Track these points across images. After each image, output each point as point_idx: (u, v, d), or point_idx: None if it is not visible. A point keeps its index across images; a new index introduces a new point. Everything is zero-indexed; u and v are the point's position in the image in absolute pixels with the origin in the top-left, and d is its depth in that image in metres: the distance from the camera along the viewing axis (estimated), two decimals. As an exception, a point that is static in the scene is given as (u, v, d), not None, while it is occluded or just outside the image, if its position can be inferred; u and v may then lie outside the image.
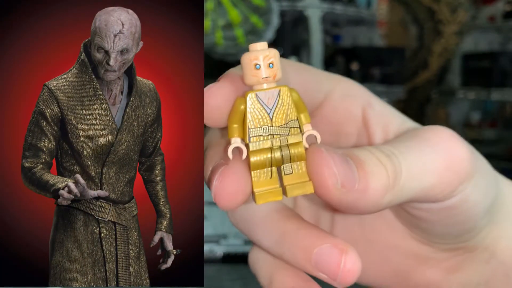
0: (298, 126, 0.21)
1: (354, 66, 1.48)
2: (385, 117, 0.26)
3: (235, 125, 0.21)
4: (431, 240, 0.27)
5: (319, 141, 0.22)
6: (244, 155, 0.21)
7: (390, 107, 0.26)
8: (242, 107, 0.21)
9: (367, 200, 0.21)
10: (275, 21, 1.35)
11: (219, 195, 0.21)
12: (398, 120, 0.25)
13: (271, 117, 0.21)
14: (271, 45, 1.24)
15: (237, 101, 0.21)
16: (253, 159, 0.21)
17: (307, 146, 0.21)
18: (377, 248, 0.28)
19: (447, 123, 1.85)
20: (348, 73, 1.50)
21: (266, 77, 0.21)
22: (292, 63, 0.24)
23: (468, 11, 1.57)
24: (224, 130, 0.22)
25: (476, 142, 1.52)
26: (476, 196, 0.24)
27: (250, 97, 0.21)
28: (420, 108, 2.45)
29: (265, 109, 0.21)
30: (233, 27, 1.40)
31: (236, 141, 0.21)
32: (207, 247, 0.68)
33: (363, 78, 1.49)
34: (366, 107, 0.26)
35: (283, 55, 1.04)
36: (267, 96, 0.21)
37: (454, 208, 0.24)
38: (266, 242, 0.24)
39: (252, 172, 0.21)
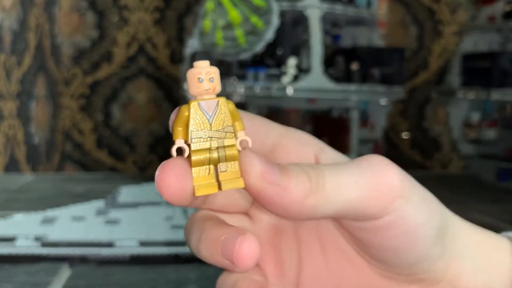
0: (233, 131, 0.25)
1: (354, 66, 1.48)
2: (338, 161, 0.27)
3: (180, 128, 0.25)
4: (390, 271, 0.27)
5: (250, 145, 0.25)
6: (186, 154, 0.24)
7: (341, 154, 0.28)
8: (186, 113, 0.24)
9: (290, 197, 0.23)
10: (275, 21, 1.35)
11: (161, 184, 0.24)
12: None
13: (210, 122, 0.24)
14: (271, 45, 1.24)
15: (182, 108, 0.25)
16: (194, 157, 0.24)
17: (240, 149, 0.24)
18: (346, 286, 0.28)
19: (446, 123, 1.85)
20: (348, 73, 1.50)
21: (207, 89, 0.24)
22: (247, 114, 0.27)
23: (468, 11, 1.57)
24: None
25: (476, 142, 1.52)
26: (416, 216, 0.25)
27: (193, 105, 0.24)
28: (420, 108, 2.46)
29: (205, 116, 0.24)
30: (233, 27, 1.39)
31: (179, 142, 0.24)
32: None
33: (363, 78, 1.49)
34: (318, 153, 0.27)
35: (283, 55, 1.04)
36: (208, 105, 0.24)
37: (393, 228, 0.24)
38: (192, 244, 0.26)
39: (193, 169, 0.24)
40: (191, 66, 0.24)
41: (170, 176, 0.24)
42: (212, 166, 0.24)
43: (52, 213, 0.86)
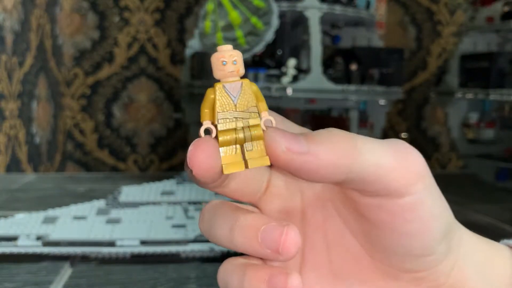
0: (257, 111, 0.26)
1: (353, 66, 1.48)
2: None
3: (206, 110, 0.26)
4: (395, 264, 0.27)
5: (274, 124, 0.26)
6: (214, 134, 0.26)
7: None
8: (212, 96, 0.26)
9: (321, 162, 0.24)
10: (275, 22, 1.35)
11: (193, 161, 0.24)
12: None
13: (235, 103, 0.25)
14: (271, 46, 1.25)
15: (208, 91, 0.26)
16: (221, 137, 0.25)
17: (264, 128, 0.26)
18: (346, 284, 0.29)
19: (445, 123, 1.86)
20: (347, 74, 1.50)
21: (231, 71, 0.25)
22: (276, 116, 0.28)
23: (467, 12, 1.58)
24: None
25: (474, 142, 1.52)
26: (432, 205, 0.26)
27: (219, 87, 0.26)
28: (418, 108, 2.46)
29: (230, 97, 0.25)
30: (233, 28, 1.40)
31: (207, 123, 0.26)
32: (207, 247, 0.70)
33: (362, 79, 1.49)
34: None
35: (283, 56, 1.04)
36: (232, 87, 0.26)
37: (410, 210, 0.25)
38: (220, 232, 0.26)
39: (221, 149, 0.25)
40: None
41: (203, 154, 0.25)
42: (238, 146, 0.26)
43: (53, 212, 0.86)
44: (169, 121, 2.36)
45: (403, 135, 2.44)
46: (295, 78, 1.42)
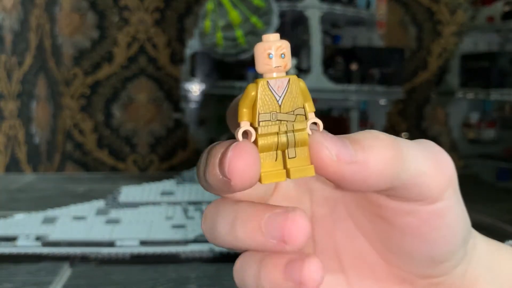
0: (304, 113, 0.22)
1: (354, 66, 1.48)
2: None
3: (245, 110, 0.22)
4: (412, 270, 0.26)
5: (321, 128, 0.23)
6: (253, 138, 0.22)
7: None
8: (253, 93, 0.22)
9: (371, 171, 0.22)
10: (275, 21, 1.35)
11: (232, 169, 0.21)
12: None
13: (280, 104, 0.22)
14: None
15: (249, 87, 0.22)
16: (261, 141, 0.22)
17: (310, 133, 0.23)
18: None
19: (446, 123, 1.85)
20: (347, 74, 1.50)
21: (277, 66, 0.22)
22: None
23: (467, 11, 1.58)
24: None
25: (475, 142, 1.52)
26: (459, 210, 0.25)
27: (262, 84, 0.22)
28: (419, 108, 2.46)
29: (274, 96, 0.22)
30: (233, 27, 1.40)
31: (245, 125, 0.22)
32: (207, 247, 0.70)
33: (363, 79, 1.49)
34: None
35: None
36: (277, 84, 0.22)
37: (440, 217, 0.24)
38: (221, 230, 0.24)
39: (260, 154, 0.22)
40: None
41: (243, 162, 0.21)
42: (279, 152, 0.22)
43: (52, 212, 0.86)
44: (169, 121, 2.36)
45: (404, 135, 2.44)
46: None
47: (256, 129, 0.22)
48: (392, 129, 2.41)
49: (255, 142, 0.22)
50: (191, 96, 1.58)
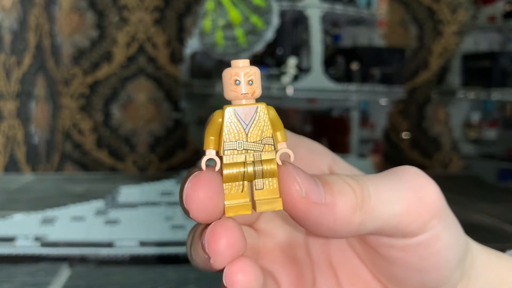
0: (272, 143, 0.22)
1: (354, 66, 1.47)
2: (352, 173, 0.25)
3: (211, 137, 0.21)
4: None
5: (292, 159, 0.22)
6: (218, 167, 0.21)
7: (353, 167, 0.26)
8: (220, 120, 0.21)
9: (337, 216, 0.21)
10: (275, 21, 1.35)
11: (190, 201, 0.21)
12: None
13: (246, 132, 0.21)
14: (271, 45, 1.23)
15: (215, 114, 0.21)
16: (226, 171, 0.21)
17: (280, 163, 0.22)
18: None
19: (447, 123, 1.85)
20: (348, 73, 1.50)
21: (245, 93, 0.21)
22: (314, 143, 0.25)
23: (468, 11, 1.57)
24: None
25: (476, 142, 1.52)
26: (448, 236, 0.24)
27: (228, 111, 0.21)
28: (420, 108, 2.45)
29: (241, 124, 0.21)
30: (233, 27, 1.39)
31: (210, 153, 0.21)
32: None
33: (363, 78, 1.49)
34: (331, 164, 0.26)
35: (283, 55, 1.03)
36: (245, 112, 0.21)
37: (428, 247, 0.23)
38: (187, 248, 0.24)
39: (224, 185, 0.21)
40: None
41: (203, 193, 0.21)
42: (246, 183, 0.21)
43: (52, 213, 0.86)
44: (168, 121, 2.36)
45: (404, 135, 2.44)
46: (295, 78, 1.41)
47: (221, 158, 0.21)
48: (393, 129, 2.41)
49: (221, 171, 0.21)
50: (190, 95, 1.57)
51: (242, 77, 0.21)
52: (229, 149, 0.21)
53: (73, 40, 2.27)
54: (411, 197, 0.23)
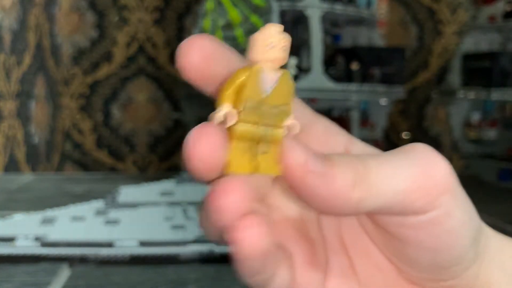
0: (287, 111, 0.22)
1: (354, 66, 1.48)
2: (367, 153, 0.25)
3: (229, 92, 0.21)
4: (421, 276, 0.25)
5: (297, 130, 0.22)
6: (232, 122, 0.21)
7: (372, 147, 0.26)
8: (243, 78, 0.21)
9: (334, 188, 0.21)
10: (275, 21, 1.35)
11: (194, 149, 0.21)
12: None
13: (268, 95, 0.21)
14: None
15: (239, 71, 0.21)
16: (241, 128, 0.21)
17: (287, 132, 0.22)
18: None
19: (447, 123, 1.85)
20: (348, 73, 1.50)
21: (275, 58, 0.21)
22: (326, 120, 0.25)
23: (468, 11, 1.57)
24: None
25: (476, 142, 1.52)
26: (461, 214, 0.23)
27: (254, 71, 0.21)
28: (420, 108, 2.45)
29: (264, 87, 0.21)
30: (233, 27, 1.39)
31: (228, 107, 0.21)
32: (206, 248, 0.69)
33: (363, 78, 1.49)
34: (348, 144, 0.25)
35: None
36: (270, 76, 0.21)
37: (438, 224, 0.23)
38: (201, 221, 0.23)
39: (234, 142, 0.21)
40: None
41: (207, 144, 0.20)
42: (252, 144, 0.21)
43: (51, 213, 0.86)
44: (168, 121, 2.36)
45: (404, 134, 2.44)
46: (295, 78, 1.42)
47: (238, 114, 0.21)
48: (393, 129, 2.41)
49: (230, 128, 0.21)
50: (190, 95, 1.57)
51: (277, 41, 0.21)
52: (249, 107, 0.21)
53: (73, 40, 2.27)
54: (417, 173, 0.22)
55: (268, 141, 0.21)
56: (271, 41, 0.21)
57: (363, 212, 0.22)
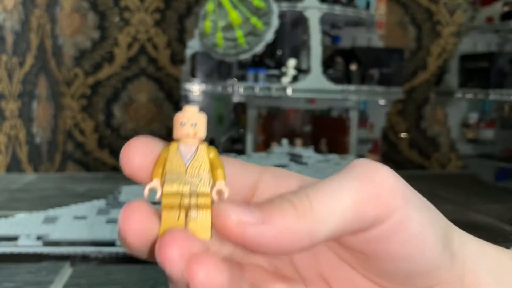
0: (208, 179, 0.24)
1: (353, 67, 1.48)
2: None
3: (158, 169, 0.24)
4: (402, 286, 0.25)
5: (226, 195, 0.23)
6: (158, 195, 0.24)
7: (324, 180, 0.26)
8: (165, 154, 0.24)
9: (278, 229, 0.21)
10: (275, 22, 1.35)
11: (126, 226, 0.22)
12: None
13: (186, 167, 0.24)
14: (271, 46, 1.24)
15: (163, 149, 0.24)
16: (165, 200, 0.24)
17: (215, 198, 0.24)
18: None
19: (445, 123, 1.86)
20: (347, 74, 1.50)
21: (186, 133, 0.24)
22: (225, 158, 0.26)
23: (466, 12, 1.58)
24: None
25: (474, 142, 1.52)
26: (421, 216, 0.23)
27: (172, 147, 0.24)
28: (418, 108, 2.46)
29: (183, 160, 0.24)
30: (233, 28, 1.40)
31: (155, 182, 0.24)
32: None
33: (362, 79, 1.50)
34: (301, 184, 0.25)
35: (283, 56, 1.04)
36: (187, 149, 0.24)
37: (401, 230, 0.23)
38: None
39: (163, 212, 0.24)
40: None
41: (135, 218, 0.22)
42: (182, 212, 0.24)
43: (53, 212, 0.86)
44: (169, 121, 2.36)
45: (403, 135, 2.44)
46: (295, 78, 1.42)
47: (162, 187, 0.24)
48: (392, 129, 2.41)
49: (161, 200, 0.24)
50: (191, 96, 1.58)
51: (186, 120, 0.24)
52: (169, 180, 0.24)
53: (74, 41, 2.27)
54: (360, 184, 0.23)
55: (197, 208, 0.23)
56: (182, 120, 0.24)
57: (322, 241, 0.22)
